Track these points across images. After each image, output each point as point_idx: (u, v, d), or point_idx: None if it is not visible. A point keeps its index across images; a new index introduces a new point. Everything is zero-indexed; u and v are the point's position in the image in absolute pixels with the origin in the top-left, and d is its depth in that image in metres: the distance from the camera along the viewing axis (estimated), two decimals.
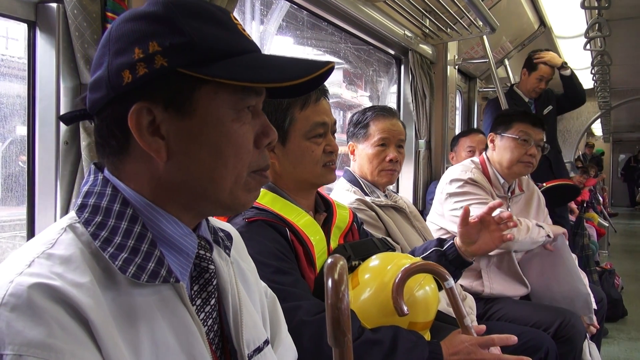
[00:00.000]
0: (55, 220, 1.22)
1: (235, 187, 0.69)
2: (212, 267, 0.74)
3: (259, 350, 0.78)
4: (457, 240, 1.49)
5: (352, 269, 1.27)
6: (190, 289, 0.72)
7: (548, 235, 2.13)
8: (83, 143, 1.20)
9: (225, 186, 0.68)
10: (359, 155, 1.90)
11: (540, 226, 2.15)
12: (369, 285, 1.17)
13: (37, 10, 1.22)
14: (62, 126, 1.22)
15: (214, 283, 0.75)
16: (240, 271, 0.84)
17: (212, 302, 0.75)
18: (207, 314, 0.74)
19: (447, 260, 1.47)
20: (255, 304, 0.85)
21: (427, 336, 1.23)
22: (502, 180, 2.27)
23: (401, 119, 1.98)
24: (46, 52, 1.22)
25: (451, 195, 2.17)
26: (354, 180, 1.88)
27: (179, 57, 0.62)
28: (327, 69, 0.67)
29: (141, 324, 0.61)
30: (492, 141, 2.30)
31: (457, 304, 1.14)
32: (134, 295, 0.62)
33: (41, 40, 1.23)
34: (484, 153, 2.37)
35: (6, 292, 0.53)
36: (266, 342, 0.81)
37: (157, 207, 0.67)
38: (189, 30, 0.63)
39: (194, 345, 0.66)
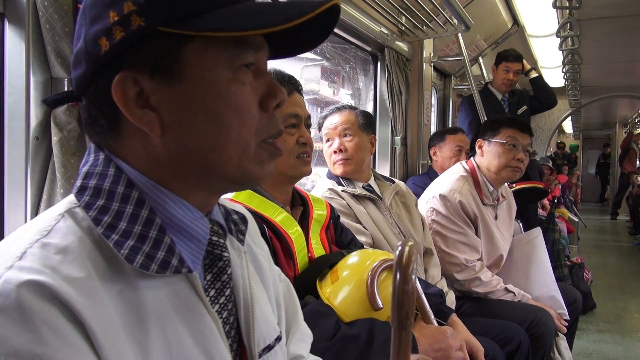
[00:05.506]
0: (25, 220, 1.19)
1: (244, 158, 0.61)
2: (226, 254, 0.68)
3: (269, 348, 0.73)
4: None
5: (331, 265, 1.29)
6: (203, 278, 0.66)
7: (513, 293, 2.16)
8: (54, 138, 1.16)
9: (232, 157, 0.60)
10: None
11: (511, 291, 2.15)
12: (348, 281, 1.19)
13: (6, 2, 1.18)
14: (33, 121, 1.18)
15: (229, 272, 0.68)
16: (254, 259, 0.79)
17: (227, 292, 0.68)
18: (222, 305, 0.67)
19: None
20: (269, 293, 0.79)
21: None
22: (491, 188, 2.29)
23: (377, 115, 2.01)
24: (15, 45, 1.18)
25: (433, 210, 2.19)
26: (333, 176, 1.97)
27: (157, 14, 0.55)
28: (328, 6, 0.57)
29: (151, 321, 0.55)
30: (480, 147, 2.31)
31: (420, 301, 1.23)
32: (142, 289, 0.55)
33: (10, 32, 1.19)
34: (472, 159, 2.37)
35: None
36: (278, 339, 0.76)
37: (163, 188, 0.60)
38: None
39: (210, 340, 0.60)
